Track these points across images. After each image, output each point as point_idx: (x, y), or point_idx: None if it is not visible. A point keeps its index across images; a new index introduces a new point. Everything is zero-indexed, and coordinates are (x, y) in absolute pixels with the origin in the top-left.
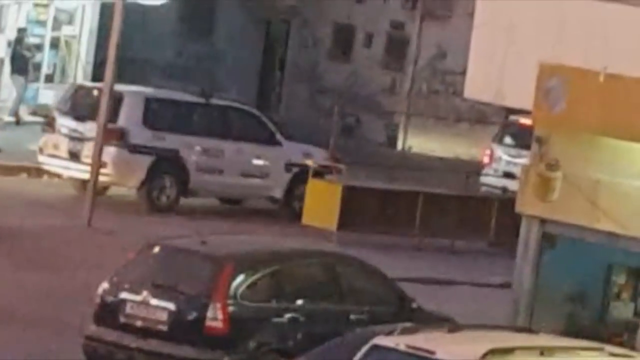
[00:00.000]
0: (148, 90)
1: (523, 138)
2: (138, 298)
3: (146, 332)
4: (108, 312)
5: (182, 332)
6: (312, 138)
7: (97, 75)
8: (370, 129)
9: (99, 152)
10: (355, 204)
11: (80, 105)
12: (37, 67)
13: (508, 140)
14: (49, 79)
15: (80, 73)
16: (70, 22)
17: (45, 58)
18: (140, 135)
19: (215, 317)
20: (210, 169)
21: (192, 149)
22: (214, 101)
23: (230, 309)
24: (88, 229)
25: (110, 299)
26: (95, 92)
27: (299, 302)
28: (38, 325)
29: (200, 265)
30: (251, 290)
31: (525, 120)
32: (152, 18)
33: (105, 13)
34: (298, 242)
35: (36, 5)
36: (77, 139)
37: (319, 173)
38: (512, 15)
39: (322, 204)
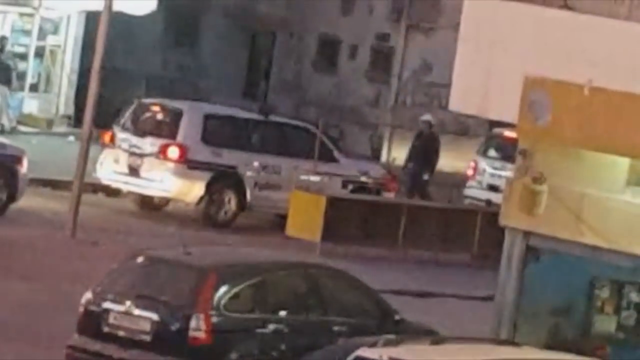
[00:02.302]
0: (207, 107)
1: (507, 151)
2: (121, 308)
3: (129, 343)
4: (91, 322)
5: (165, 342)
6: None
7: (81, 85)
8: (355, 141)
9: (83, 163)
10: (339, 215)
11: (140, 121)
12: (22, 76)
13: (492, 152)
14: (34, 88)
15: (65, 83)
16: (55, 31)
17: (30, 67)
18: (199, 151)
19: (198, 328)
20: (268, 185)
21: (250, 166)
22: (273, 118)
23: (214, 319)
24: (72, 240)
25: (93, 308)
26: (155, 108)
27: (282, 313)
28: (19, 336)
29: (184, 276)
30: (234, 301)
31: (510, 133)
32: (137, 28)
33: (90, 23)
34: (282, 254)
35: (21, 14)
36: (136, 154)
37: (375, 189)
38: (497, 28)
39: (306, 215)
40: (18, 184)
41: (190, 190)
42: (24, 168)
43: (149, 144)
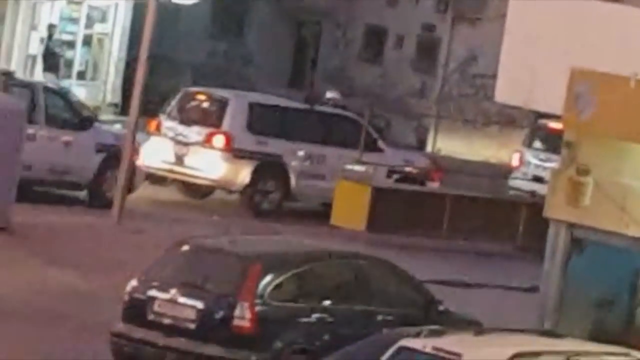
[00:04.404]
0: (252, 95)
1: (552, 142)
2: (166, 296)
3: (174, 330)
4: (136, 310)
5: (209, 330)
6: None
7: (128, 73)
8: (400, 132)
9: (130, 152)
10: (383, 205)
11: (186, 110)
12: (70, 64)
13: (537, 144)
14: (81, 76)
15: (112, 71)
16: (102, 19)
17: (78, 55)
18: (244, 140)
19: (242, 317)
20: (312, 174)
21: (295, 155)
22: (318, 108)
23: (258, 308)
24: (117, 227)
25: (138, 296)
26: (201, 97)
27: (326, 302)
28: (64, 323)
29: (229, 265)
30: (279, 290)
31: (555, 125)
32: (184, 17)
33: (138, 11)
34: (326, 243)
35: (69, 2)
36: (182, 142)
37: (420, 179)
38: (543, 20)
39: (351, 205)
40: (135, 174)
41: (235, 178)
42: (139, 159)
43: (195, 133)
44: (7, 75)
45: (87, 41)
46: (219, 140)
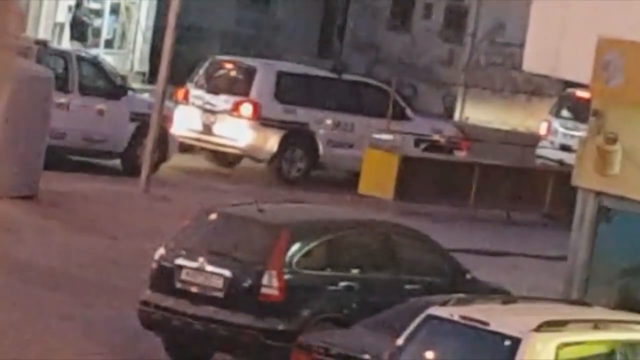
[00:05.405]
0: (280, 64)
1: (580, 111)
2: (194, 264)
3: (201, 299)
4: (164, 278)
5: (237, 299)
6: None
7: (156, 42)
8: (428, 100)
9: (158, 120)
10: (411, 174)
11: (213, 78)
12: (97, 32)
13: (565, 113)
14: (109, 44)
15: (139, 39)
16: None
17: (105, 24)
18: (272, 109)
19: (270, 285)
20: (340, 142)
21: (323, 123)
22: (345, 76)
23: (286, 276)
24: (145, 195)
25: (166, 264)
26: (229, 66)
27: (354, 271)
28: (91, 290)
29: (257, 233)
30: (307, 258)
31: (583, 93)
32: None
33: None
34: (354, 211)
35: None
36: (210, 111)
37: (448, 148)
38: None
39: (379, 173)
40: (168, 142)
41: (262, 147)
42: (173, 127)
43: (223, 101)
44: (42, 44)
45: (115, 9)
46: (246, 109)
